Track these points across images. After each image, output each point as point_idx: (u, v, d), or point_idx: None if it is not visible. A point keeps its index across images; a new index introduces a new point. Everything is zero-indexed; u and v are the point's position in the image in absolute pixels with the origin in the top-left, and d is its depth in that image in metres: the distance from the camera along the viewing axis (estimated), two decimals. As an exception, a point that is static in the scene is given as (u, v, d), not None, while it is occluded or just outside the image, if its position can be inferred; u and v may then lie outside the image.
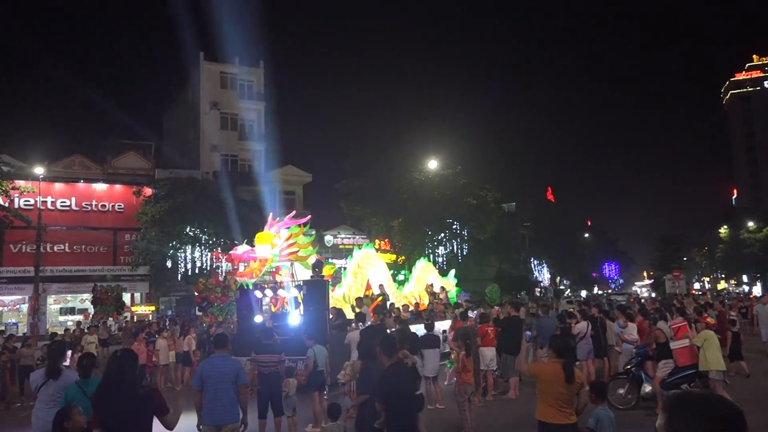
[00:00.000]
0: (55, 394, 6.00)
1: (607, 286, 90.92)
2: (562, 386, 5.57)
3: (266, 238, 13.60)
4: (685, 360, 10.31)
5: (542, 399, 5.72)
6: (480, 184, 40.32)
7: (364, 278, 19.05)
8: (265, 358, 8.93)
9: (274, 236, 13.65)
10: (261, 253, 13.40)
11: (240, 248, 13.99)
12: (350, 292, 18.02)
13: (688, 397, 1.83)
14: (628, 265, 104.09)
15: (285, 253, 13.67)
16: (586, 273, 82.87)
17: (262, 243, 13.54)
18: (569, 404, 5.60)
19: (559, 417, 5.54)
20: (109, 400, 4.79)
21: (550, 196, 78.49)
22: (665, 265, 62.10)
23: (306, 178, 44.17)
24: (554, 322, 13.09)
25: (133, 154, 37.66)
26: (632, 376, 11.04)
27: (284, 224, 14.07)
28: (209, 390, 6.46)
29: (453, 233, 40.64)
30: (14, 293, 31.91)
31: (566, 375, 5.57)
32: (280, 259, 13.72)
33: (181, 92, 46.91)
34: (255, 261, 13.36)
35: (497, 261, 53.66)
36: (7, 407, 14.30)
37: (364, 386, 6.51)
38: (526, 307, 18.68)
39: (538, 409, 5.76)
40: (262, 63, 44.88)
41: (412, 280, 23.25)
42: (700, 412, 1.74)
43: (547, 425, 5.61)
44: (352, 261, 19.39)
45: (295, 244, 13.83)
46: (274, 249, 13.54)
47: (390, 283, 20.61)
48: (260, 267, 13.36)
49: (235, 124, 43.08)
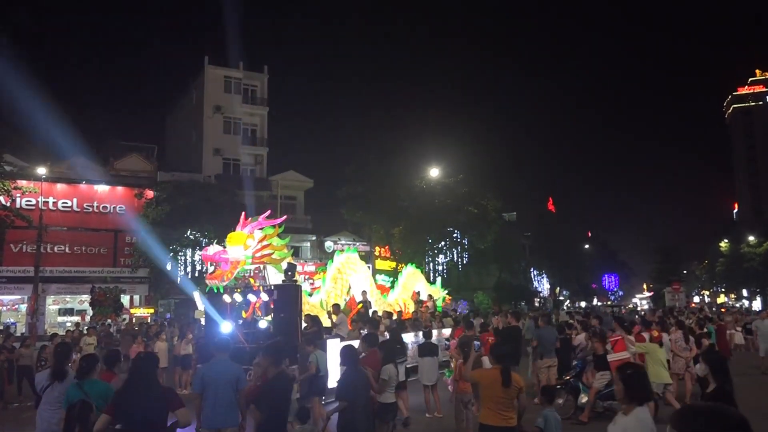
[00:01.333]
0: (60, 396, 6.02)
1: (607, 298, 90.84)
2: (501, 391, 5.82)
3: (239, 239, 12.60)
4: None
5: (484, 403, 6.00)
6: (481, 193, 40.38)
7: (344, 284, 18.21)
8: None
9: (248, 237, 12.67)
10: (233, 255, 12.41)
11: (211, 248, 12.88)
12: (329, 299, 17.08)
13: (694, 409, 1.89)
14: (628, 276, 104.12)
15: (258, 255, 12.69)
16: (585, 284, 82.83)
17: (234, 244, 12.53)
18: (508, 408, 5.85)
19: (499, 420, 5.79)
20: (135, 398, 5.19)
21: (551, 206, 78.56)
22: (665, 278, 62.10)
23: (307, 184, 44.23)
24: (554, 333, 13.06)
25: (136, 157, 37.75)
26: (570, 387, 11.16)
27: (258, 224, 13.09)
28: (210, 393, 6.44)
29: (453, 241, 40.65)
30: (13, 293, 31.90)
31: (503, 380, 5.83)
32: (253, 261, 12.73)
33: (184, 96, 47.05)
34: (227, 263, 12.36)
35: (497, 270, 53.60)
36: (5, 407, 14.27)
37: (344, 393, 6.57)
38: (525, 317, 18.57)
39: (481, 413, 6.04)
40: (266, 68, 45.05)
41: (398, 288, 22.62)
42: (708, 422, 1.78)
43: (488, 428, 5.87)
44: (332, 265, 18.51)
45: (270, 246, 12.87)
46: (247, 251, 12.53)
47: (373, 290, 19.64)
48: (232, 269, 12.35)
49: (238, 129, 43.18)
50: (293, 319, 12.57)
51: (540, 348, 12.86)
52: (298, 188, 44.06)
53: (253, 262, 12.74)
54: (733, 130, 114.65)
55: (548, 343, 12.40)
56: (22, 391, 15.04)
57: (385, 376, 6.93)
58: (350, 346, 7.23)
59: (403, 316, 19.12)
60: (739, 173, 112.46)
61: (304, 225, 42.62)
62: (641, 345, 10.59)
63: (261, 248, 12.69)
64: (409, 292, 22.21)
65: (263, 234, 12.89)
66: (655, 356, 10.38)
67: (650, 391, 4.58)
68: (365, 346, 8.35)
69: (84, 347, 16.50)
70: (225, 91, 42.93)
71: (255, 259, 12.66)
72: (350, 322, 15.13)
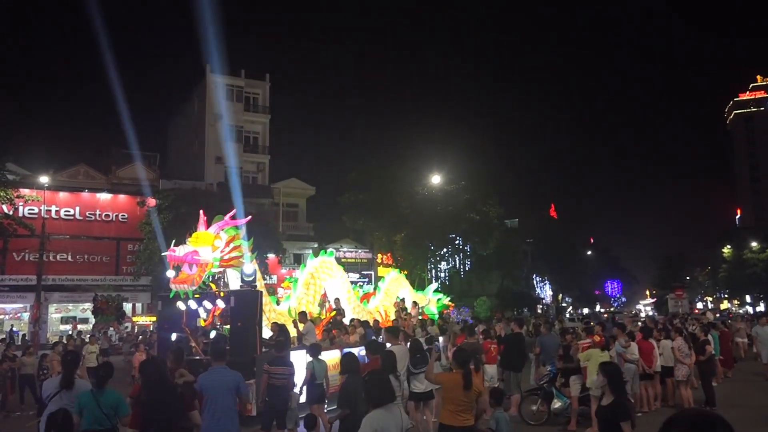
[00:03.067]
0: (68, 403, 6.02)
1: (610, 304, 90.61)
2: (462, 393, 6.19)
3: (206, 239, 11.43)
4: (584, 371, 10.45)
5: (444, 405, 6.38)
6: (483, 200, 40.38)
7: (318, 290, 16.86)
8: (279, 369, 8.91)
9: (215, 237, 11.53)
10: (206, 257, 11.34)
11: (180, 249, 11.33)
12: (299, 306, 15.57)
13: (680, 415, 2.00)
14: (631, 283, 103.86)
15: (227, 258, 11.59)
16: (588, 290, 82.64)
17: (201, 244, 11.37)
18: (468, 410, 6.24)
19: (458, 420, 6.19)
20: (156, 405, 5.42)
21: (552, 212, 78.51)
22: (667, 284, 61.97)
23: (309, 191, 44.27)
24: (557, 339, 13.02)
25: (138, 165, 37.83)
26: (544, 392, 11.25)
27: (223, 224, 11.98)
28: (209, 401, 6.45)
29: (455, 248, 40.68)
30: (16, 301, 31.92)
31: (465, 383, 6.21)
32: (221, 264, 11.54)
33: (186, 104, 47.20)
34: (198, 265, 11.15)
35: (499, 277, 53.56)
36: (7, 416, 14.26)
37: (345, 401, 6.56)
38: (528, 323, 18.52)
39: (441, 413, 6.46)
40: (268, 76, 45.19)
41: (379, 294, 21.08)
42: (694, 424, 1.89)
43: (447, 428, 6.26)
44: (305, 270, 16.90)
45: (238, 248, 11.84)
46: (215, 252, 11.41)
47: (351, 296, 18.42)
48: (200, 272, 11.14)
49: (240, 137, 43.27)
50: (251, 328, 11.41)
51: (542, 355, 12.83)
52: (300, 196, 44.10)
53: (221, 265, 11.59)
54: (735, 135, 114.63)
55: (551, 349, 12.36)
56: (24, 400, 15.01)
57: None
58: (351, 353, 7.20)
59: (381, 324, 17.35)
60: (741, 179, 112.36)
61: (306, 232, 42.64)
62: (586, 353, 10.51)
63: (231, 250, 11.67)
64: (392, 299, 21.06)
65: (228, 235, 11.85)
66: (595, 362, 10.27)
67: None
68: (369, 354, 8.31)
69: (86, 356, 16.49)
70: (227, 99, 43.06)
71: (223, 261, 11.57)
72: (321, 331, 14.13)
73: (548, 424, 10.82)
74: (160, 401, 5.36)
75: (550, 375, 11.48)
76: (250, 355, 11.18)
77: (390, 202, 37.71)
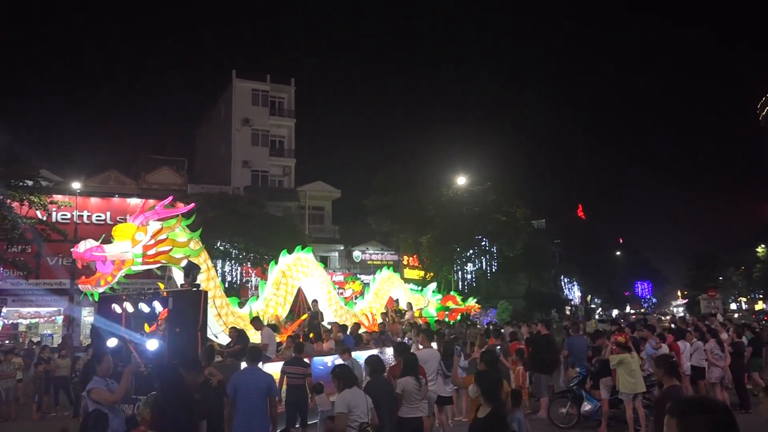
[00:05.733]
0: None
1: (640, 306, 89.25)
2: None
3: (125, 232, 9.98)
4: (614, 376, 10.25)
5: (472, 406, 6.46)
6: (509, 201, 40.09)
7: (290, 290, 15.08)
8: (294, 369, 9.28)
9: (137, 229, 10.02)
10: (114, 252, 9.78)
11: (82, 245, 9.80)
12: (267, 308, 14.12)
13: (688, 399, 2.25)
14: (662, 284, 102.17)
15: (152, 253, 10.03)
16: (618, 292, 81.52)
17: (120, 238, 9.99)
18: None
19: None
20: (170, 410, 5.45)
21: (581, 213, 77.67)
22: (700, 285, 60.79)
23: (335, 194, 44.45)
24: (585, 342, 12.88)
25: (167, 170, 38.41)
26: (573, 395, 11.08)
27: (154, 214, 10.48)
28: (241, 401, 6.57)
29: (482, 250, 40.43)
30: (50, 305, 32.62)
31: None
32: (144, 260, 10.01)
33: (213, 109, 47.80)
34: (105, 262, 9.73)
35: (526, 278, 53.13)
36: (43, 417, 14.58)
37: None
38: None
39: (471, 415, 6.49)
40: (293, 80, 45.56)
41: (368, 294, 19.54)
42: (701, 409, 2.09)
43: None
44: (275, 268, 15.17)
45: (167, 241, 10.20)
46: (136, 247, 9.87)
47: (332, 297, 16.77)
48: (114, 271, 9.78)
49: (266, 141, 43.68)
50: (192, 334, 9.86)
51: (571, 357, 12.70)
52: (325, 198, 44.31)
53: (144, 262, 10.06)
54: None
55: (579, 351, 12.23)
56: (58, 402, 15.35)
57: (399, 389, 6.83)
58: (375, 356, 7.22)
59: (368, 328, 16.09)
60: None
61: (332, 235, 42.82)
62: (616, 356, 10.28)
63: (155, 244, 10.04)
64: (383, 300, 19.50)
65: (162, 226, 10.28)
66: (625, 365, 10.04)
67: None
68: (396, 355, 8.32)
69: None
70: (253, 103, 43.49)
71: (147, 257, 10.00)
72: (286, 337, 12.55)
73: (578, 427, 10.71)
74: (173, 405, 5.48)
75: (580, 377, 11.36)
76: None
77: (415, 204, 37.68)
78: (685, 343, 12.85)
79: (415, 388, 6.82)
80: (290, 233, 31.22)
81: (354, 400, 6.00)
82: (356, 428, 5.93)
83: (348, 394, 6.06)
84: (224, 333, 11.85)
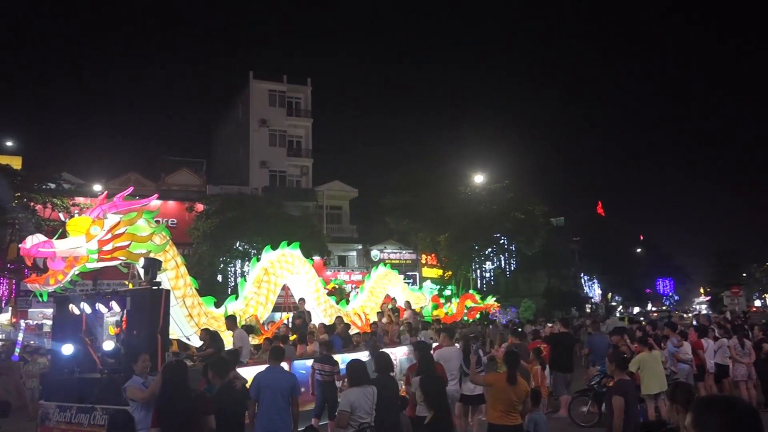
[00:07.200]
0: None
1: (662, 303, 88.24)
2: (512, 393, 6.36)
3: (79, 226, 9.16)
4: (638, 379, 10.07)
5: (494, 405, 6.49)
6: (527, 198, 39.92)
7: (272, 289, 14.08)
8: (323, 366, 9.68)
9: (93, 223, 9.16)
10: (64, 247, 8.93)
11: (29, 240, 8.90)
12: (247, 308, 13.26)
13: (710, 398, 2.27)
14: (684, 281, 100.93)
15: (108, 249, 9.15)
16: (638, 289, 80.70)
17: (74, 233, 9.16)
18: (516, 409, 6.42)
19: (509, 420, 6.35)
20: (172, 403, 5.66)
21: (600, 209, 77.01)
22: (723, 281, 59.92)
23: (352, 193, 44.55)
24: (606, 340, 12.78)
25: (186, 171, 38.78)
26: (594, 393, 10.96)
27: (112, 206, 9.53)
28: (265, 400, 6.63)
29: (500, 248, 40.29)
30: (73, 306, 33.12)
31: (509, 379, 6.42)
32: (100, 257, 9.15)
33: (231, 110, 48.16)
34: (54, 259, 8.93)
35: (546, 276, 52.86)
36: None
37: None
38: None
39: (490, 414, 6.60)
40: (309, 80, 45.74)
41: (362, 293, 18.56)
42: (720, 409, 2.06)
43: (497, 427, 6.40)
44: (257, 265, 14.28)
45: (126, 236, 9.31)
46: (90, 242, 9.00)
47: (320, 296, 15.78)
48: (66, 269, 8.95)
49: (284, 141, 43.90)
50: (151, 336, 8.95)
51: (592, 355, 12.60)
52: (343, 198, 44.43)
53: (100, 258, 9.20)
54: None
55: (600, 350, 12.13)
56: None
57: (414, 387, 6.84)
58: (384, 354, 7.25)
59: (360, 328, 15.21)
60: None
61: (350, 234, 42.94)
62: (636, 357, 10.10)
63: (111, 239, 9.17)
64: (378, 299, 18.54)
65: (120, 220, 9.37)
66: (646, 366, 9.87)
67: None
68: (417, 355, 8.32)
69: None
70: (270, 104, 43.74)
71: (103, 253, 9.14)
72: (263, 339, 11.90)
73: (599, 426, 10.57)
74: (174, 404, 5.67)
75: (600, 375, 11.27)
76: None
77: (433, 202, 37.64)
78: (708, 341, 12.70)
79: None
80: (308, 233, 31.34)
81: (358, 399, 5.96)
82: (356, 428, 5.89)
83: (353, 393, 6.03)
84: (197, 335, 11.03)
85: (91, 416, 8.16)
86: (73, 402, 8.48)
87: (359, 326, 15.64)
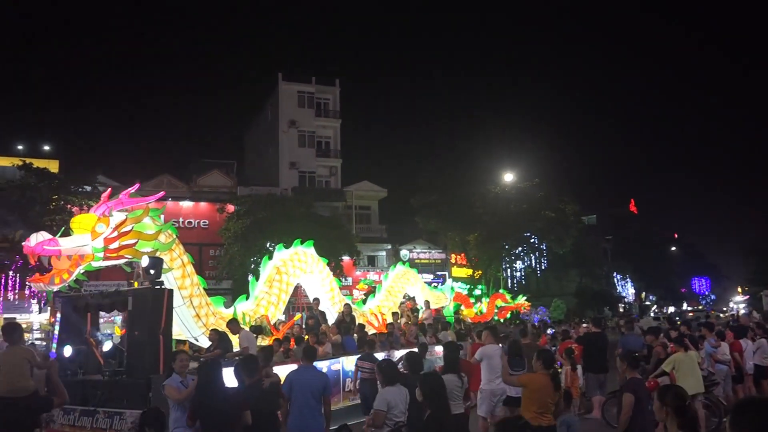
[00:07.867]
0: None
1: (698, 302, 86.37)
2: (550, 395, 6.32)
3: (85, 224, 8.89)
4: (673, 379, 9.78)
5: (528, 407, 6.40)
6: (558, 197, 39.48)
7: (284, 288, 13.64)
8: (365, 364, 10.00)
9: (99, 220, 8.89)
10: (70, 246, 8.65)
11: (33, 237, 8.53)
12: (257, 309, 12.85)
13: (744, 399, 2.37)
14: (720, 280, 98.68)
15: (114, 247, 8.90)
16: (673, 288, 79.17)
17: (79, 231, 8.89)
18: (550, 410, 6.38)
19: (544, 420, 6.31)
20: (207, 401, 5.78)
21: (633, 207, 75.78)
22: (762, 280, 58.32)
23: (381, 193, 44.60)
24: (640, 340, 12.56)
25: (217, 173, 39.30)
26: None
27: (118, 203, 9.34)
28: (297, 399, 6.67)
29: (531, 247, 39.96)
30: (109, 306, 33.82)
31: (554, 384, 6.43)
32: (106, 255, 8.93)
33: (260, 112, 48.66)
34: (59, 257, 8.65)
35: (577, 276, 52.21)
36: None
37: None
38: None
39: (524, 415, 6.53)
40: (338, 81, 45.93)
41: (380, 292, 18.01)
42: (756, 410, 2.06)
43: (533, 428, 6.33)
44: (269, 264, 13.88)
45: (132, 233, 9.06)
46: (96, 240, 8.75)
47: (335, 296, 15.23)
48: (71, 267, 8.70)
49: (313, 142, 44.18)
50: (153, 337, 8.63)
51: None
52: (372, 198, 44.49)
53: (106, 257, 8.97)
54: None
55: (633, 350, 11.93)
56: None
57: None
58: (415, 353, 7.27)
59: (377, 329, 14.71)
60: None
61: (379, 234, 42.98)
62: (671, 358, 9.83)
63: (117, 236, 8.91)
64: (396, 299, 18.08)
65: (126, 217, 9.13)
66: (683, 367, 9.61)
67: None
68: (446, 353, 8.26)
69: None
70: (299, 105, 44.05)
71: (109, 251, 8.89)
72: (273, 340, 11.62)
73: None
74: (207, 403, 5.77)
75: None
76: (145, 374, 8.17)
77: (463, 201, 37.48)
78: (747, 341, 12.38)
79: (456, 385, 6.83)
80: (338, 233, 31.46)
81: (394, 398, 5.96)
82: (392, 427, 5.87)
83: (389, 392, 6.00)
84: (205, 335, 10.79)
85: (94, 419, 8.16)
86: (76, 404, 8.33)
87: (376, 326, 15.19)
